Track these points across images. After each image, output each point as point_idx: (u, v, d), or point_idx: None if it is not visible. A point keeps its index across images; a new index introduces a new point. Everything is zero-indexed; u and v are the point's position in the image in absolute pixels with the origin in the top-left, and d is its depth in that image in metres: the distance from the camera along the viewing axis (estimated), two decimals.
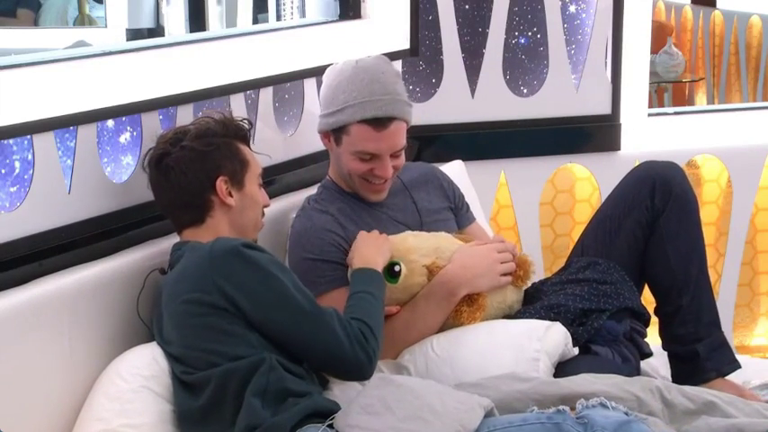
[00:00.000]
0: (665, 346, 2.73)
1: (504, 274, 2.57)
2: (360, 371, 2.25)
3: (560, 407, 2.08)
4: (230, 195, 2.36)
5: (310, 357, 2.25)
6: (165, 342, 2.28)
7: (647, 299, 2.78)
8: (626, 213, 2.71)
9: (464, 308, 2.50)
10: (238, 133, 2.42)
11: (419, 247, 2.53)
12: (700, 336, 2.66)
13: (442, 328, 2.52)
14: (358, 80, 2.56)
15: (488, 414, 2.10)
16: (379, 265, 2.44)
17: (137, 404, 2.23)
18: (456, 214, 2.81)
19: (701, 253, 2.70)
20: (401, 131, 2.57)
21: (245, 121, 2.47)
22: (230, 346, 2.19)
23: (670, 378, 2.71)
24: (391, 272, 2.49)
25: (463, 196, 2.88)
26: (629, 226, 2.71)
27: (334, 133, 2.59)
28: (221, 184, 2.35)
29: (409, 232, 2.59)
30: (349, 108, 2.54)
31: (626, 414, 2.06)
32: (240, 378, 2.17)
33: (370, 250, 2.46)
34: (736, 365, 2.67)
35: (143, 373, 2.26)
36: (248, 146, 2.45)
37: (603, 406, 2.08)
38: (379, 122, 2.53)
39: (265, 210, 2.76)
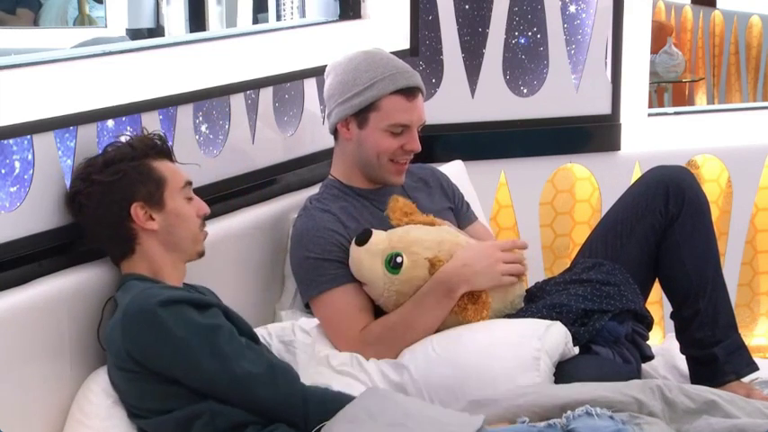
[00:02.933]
0: (682, 350, 2.74)
1: (511, 275, 2.56)
2: (287, 422, 2.16)
3: (551, 421, 2.09)
4: (151, 219, 2.26)
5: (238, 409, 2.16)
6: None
7: (650, 301, 2.79)
8: (638, 218, 2.71)
9: (469, 305, 2.49)
10: (149, 152, 2.30)
11: (422, 240, 2.53)
12: (717, 339, 2.67)
13: (446, 327, 2.52)
14: (377, 59, 2.62)
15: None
16: None
17: (113, 420, 2.22)
18: (456, 214, 2.81)
19: (716, 255, 2.72)
20: (423, 104, 2.64)
21: (156, 136, 2.33)
22: (158, 403, 2.16)
23: (674, 379, 2.72)
24: (393, 263, 2.48)
25: (463, 196, 2.88)
26: (641, 230, 2.71)
27: (359, 115, 2.60)
28: (137, 210, 2.25)
29: (412, 225, 2.59)
30: (378, 82, 2.58)
31: (611, 418, 2.06)
32: (177, 429, 2.14)
33: None
34: (754, 367, 2.69)
35: (110, 392, 2.24)
36: (169, 159, 2.34)
37: (589, 414, 2.08)
38: (410, 92, 2.60)
39: (264, 210, 2.77)
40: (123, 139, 2.34)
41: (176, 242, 2.30)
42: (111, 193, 2.25)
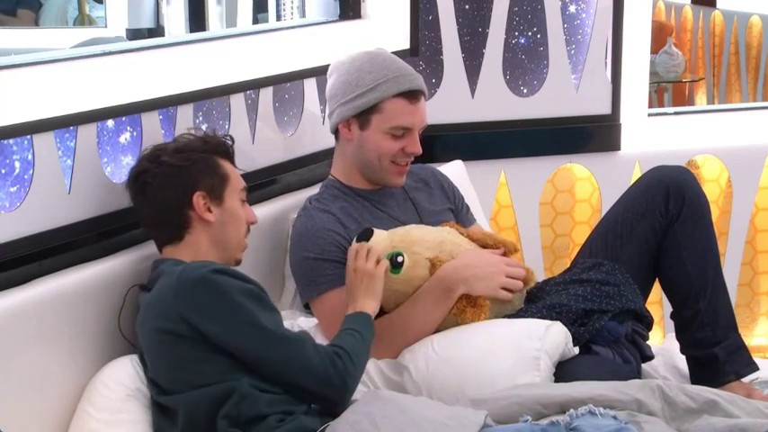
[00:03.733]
0: (683, 350, 2.75)
1: (508, 291, 2.56)
2: (332, 390, 2.20)
3: (554, 419, 2.09)
4: (209, 211, 2.32)
5: (283, 379, 2.19)
6: (142, 363, 2.27)
7: (650, 301, 2.79)
8: (639, 218, 2.72)
9: (467, 308, 2.50)
10: (218, 148, 2.38)
11: (423, 240, 2.53)
12: (718, 339, 2.67)
13: (445, 328, 2.52)
14: (380, 60, 2.63)
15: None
16: (370, 308, 2.41)
17: (125, 414, 2.23)
18: (456, 216, 2.81)
19: (716, 255, 2.72)
20: (425, 107, 2.65)
21: (228, 137, 2.44)
22: (196, 375, 2.17)
23: (674, 379, 2.72)
24: (394, 262, 2.49)
25: (463, 198, 2.89)
26: (641, 231, 2.71)
27: (361, 117, 2.60)
28: (198, 199, 2.30)
29: (414, 225, 2.60)
30: (382, 84, 2.58)
31: (614, 418, 2.07)
32: (208, 405, 2.15)
33: (359, 293, 2.42)
34: (754, 367, 2.69)
35: (126, 383, 2.25)
36: (232, 162, 2.42)
37: (592, 413, 2.08)
38: (413, 95, 2.60)
39: (264, 210, 2.76)
40: (196, 132, 2.41)
41: (225, 240, 2.35)
42: (179, 177, 2.31)
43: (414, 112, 2.61)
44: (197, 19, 4.74)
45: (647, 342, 2.68)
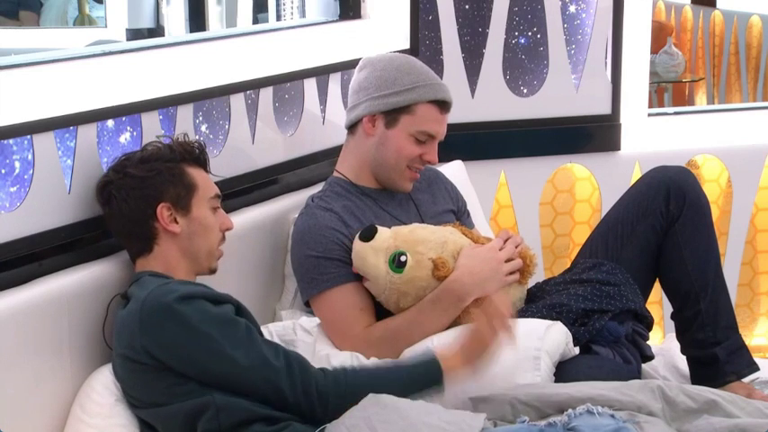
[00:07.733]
0: (683, 351, 2.75)
1: (512, 272, 2.57)
2: (307, 415, 2.15)
3: (552, 419, 2.09)
4: (175, 222, 2.28)
5: (256, 402, 2.15)
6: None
7: (650, 301, 2.79)
8: (639, 219, 2.72)
9: (471, 309, 2.49)
10: (186, 156, 2.33)
11: (427, 240, 2.53)
12: (718, 339, 2.67)
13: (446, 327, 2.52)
14: (418, 65, 2.66)
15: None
16: (459, 369, 2.23)
17: (117, 419, 2.22)
18: (459, 218, 2.81)
19: (717, 256, 2.72)
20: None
21: (196, 144, 2.36)
22: (165, 397, 2.15)
23: (674, 379, 2.72)
24: (397, 262, 2.49)
25: (466, 203, 2.89)
26: (642, 231, 2.71)
27: (390, 114, 2.61)
28: (162, 210, 2.26)
29: (417, 224, 2.60)
30: (420, 87, 2.60)
31: (612, 416, 2.07)
32: (183, 419, 2.14)
33: (476, 351, 2.25)
34: (754, 367, 2.69)
35: (114, 389, 2.24)
36: (204, 168, 2.37)
37: (590, 413, 2.08)
38: (445, 106, 2.64)
39: (264, 210, 2.77)
40: (164, 140, 2.36)
41: (194, 251, 2.32)
42: (142, 188, 2.27)
43: (441, 122, 2.63)
44: (197, 19, 4.75)
45: (648, 342, 2.68)
